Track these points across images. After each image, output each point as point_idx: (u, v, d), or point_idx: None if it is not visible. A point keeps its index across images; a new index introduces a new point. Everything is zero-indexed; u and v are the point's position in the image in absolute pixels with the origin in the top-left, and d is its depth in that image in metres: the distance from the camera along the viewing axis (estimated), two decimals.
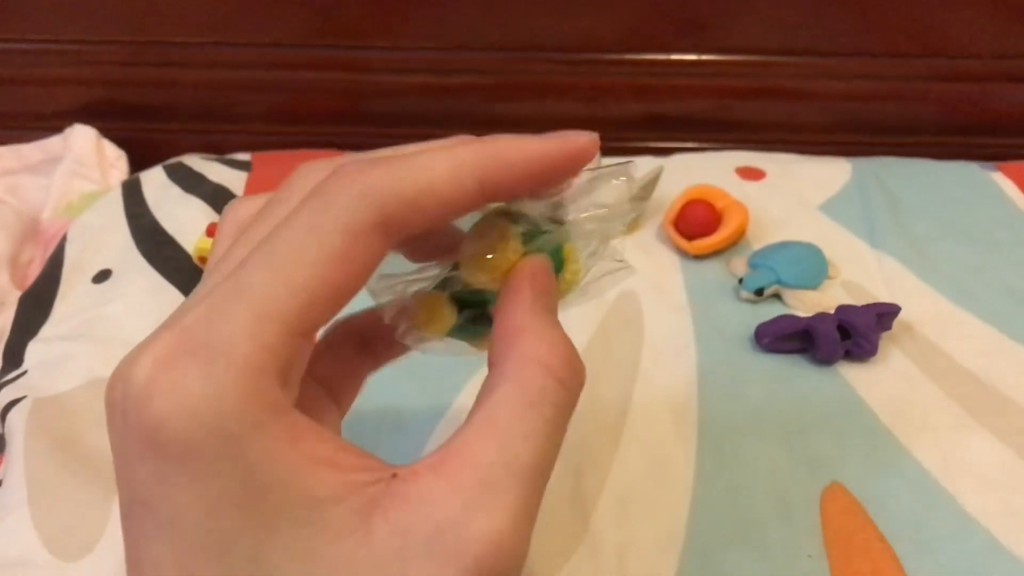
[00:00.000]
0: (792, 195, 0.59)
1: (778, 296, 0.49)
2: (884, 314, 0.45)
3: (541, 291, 0.21)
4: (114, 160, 0.66)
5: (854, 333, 0.44)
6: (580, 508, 0.37)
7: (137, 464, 0.17)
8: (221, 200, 0.58)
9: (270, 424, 0.17)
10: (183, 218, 0.56)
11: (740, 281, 0.49)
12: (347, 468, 0.18)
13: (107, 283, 0.51)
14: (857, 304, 0.45)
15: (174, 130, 0.70)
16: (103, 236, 0.56)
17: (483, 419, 0.19)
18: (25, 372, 0.45)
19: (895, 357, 0.45)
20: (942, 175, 0.61)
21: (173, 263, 0.53)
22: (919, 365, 0.45)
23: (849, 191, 0.59)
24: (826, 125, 0.69)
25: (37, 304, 0.51)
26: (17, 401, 0.43)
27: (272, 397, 0.17)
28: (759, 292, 0.48)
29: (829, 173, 0.61)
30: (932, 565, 0.35)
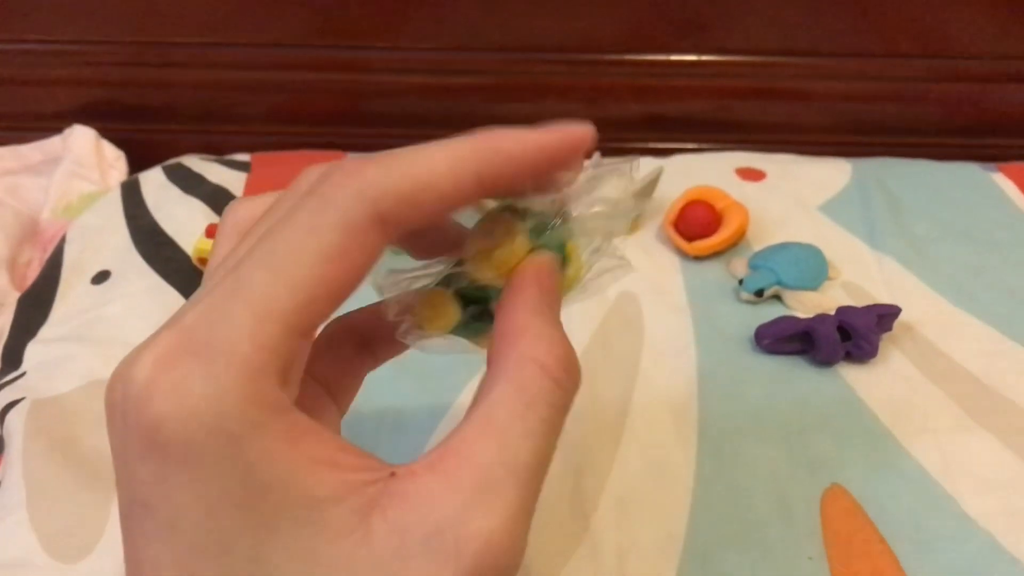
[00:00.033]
0: (792, 196, 0.59)
1: (778, 297, 0.49)
2: (884, 315, 0.44)
3: (546, 290, 0.21)
4: (113, 161, 0.66)
5: (854, 334, 0.43)
6: (580, 509, 0.37)
7: (137, 464, 0.17)
8: (220, 201, 0.58)
9: (270, 424, 0.17)
10: (182, 219, 0.56)
11: (740, 282, 0.49)
12: (346, 468, 0.18)
13: (106, 284, 0.51)
14: (857, 305, 0.45)
15: (173, 131, 0.70)
16: (102, 237, 0.55)
17: (481, 418, 0.19)
18: (24, 373, 0.45)
19: (895, 358, 0.45)
20: (942, 176, 0.61)
21: (172, 264, 0.52)
22: (919, 366, 0.45)
23: (849, 192, 0.59)
24: (826, 126, 0.69)
25: (36, 305, 0.51)
26: (16, 402, 0.42)
27: (272, 397, 0.17)
28: (759, 293, 0.48)
29: (829, 174, 0.61)
30: (932, 566, 0.35)
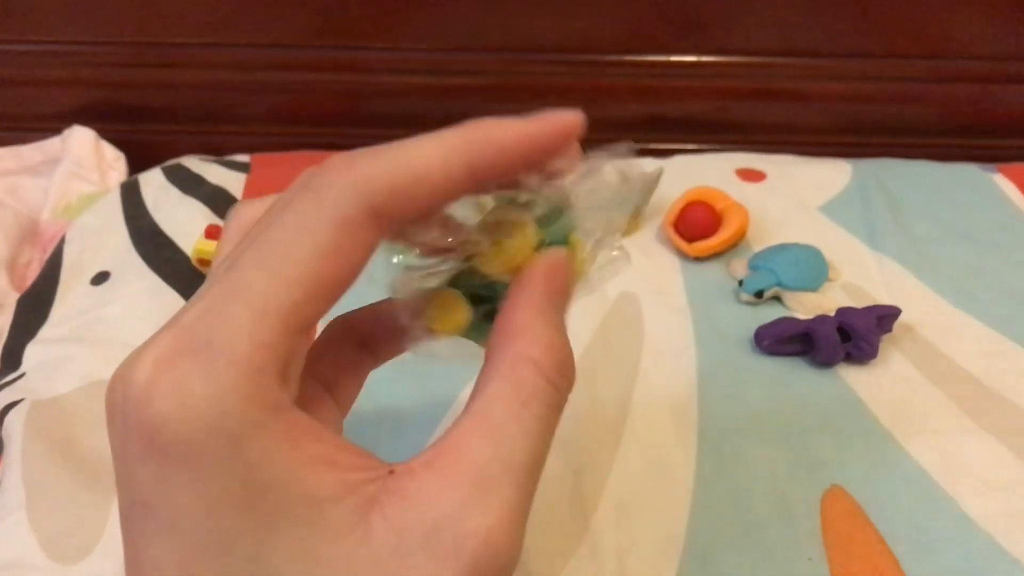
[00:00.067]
0: (792, 197, 0.59)
1: (778, 298, 0.49)
2: (884, 316, 0.44)
3: (554, 289, 0.21)
4: (113, 161, 0.66)
5: (854, 335, 0.43)
6: (580, 509, 0.37)
7: (137, 465, 0.17)
8: (220, 202, 0.58)
9: (270, 424, 0.17)
10: (182, 220, 0.56)
11: (740, 283, 0.49)
12: (346, 467, 0.18)
13: (105, 285, 0.51)
14: (857, 306, 0.45)
15: (173, 131, 0.70)
16: (102, 238, 0.55)
17: (477, 415, 0.19)
18: (23, 374, 0.45)
19: (895, 359, 0.45)
20: (942, 177, 0.61)
21: (172, 265, 0.52)
22: (919, 367, 0.45)
23: (849, 193, 0.59)
24: (826, 126, 0.69)
25: (36, 306, 0.51)
26: (15, 403, 0.42)
27: (272, 396, 0.17)
28: (759, 294, 0.48)
29: (829, 175, 0.61)
30: (932, 567, 0.35)
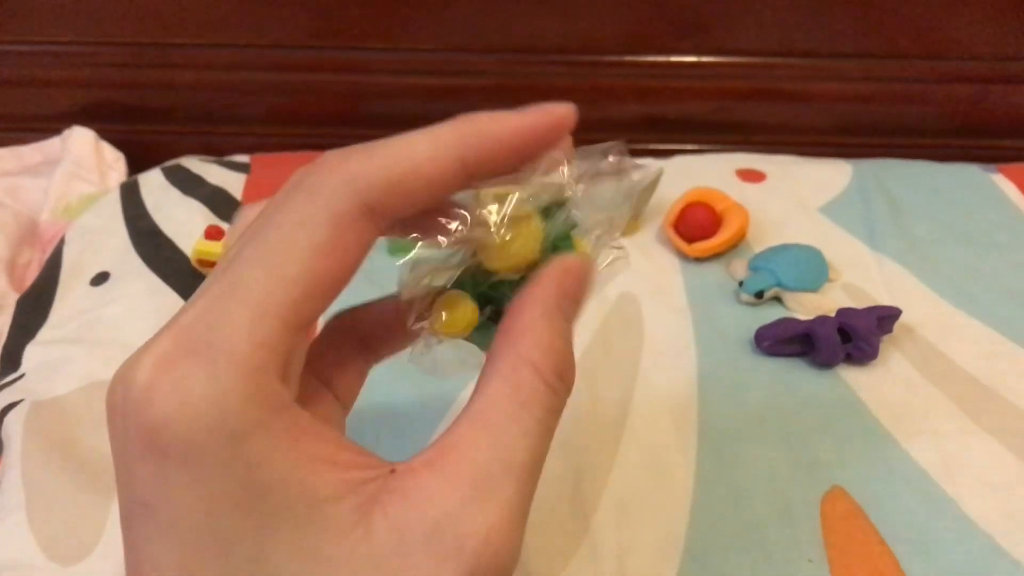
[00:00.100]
0: (792, 197, 0.59)
1: (778, 299, 0.49)
2: (885, 317, 0.44)
3: (563, 294, 0.21)
4: (112, 162, 0.66)
5: (855, 336, 0.43)
6: (580, 509, 0.37)
7: (138, 465, 0.17)
8: (220, 202, 0.58)
9: (271, 423, 0.17)
10: (182, 220, 0.56)
11: (740, 284, 0.49)
12: (347, 466, 0.18)
13: (105, 285, 0.51)
14: (858, 307, 0.45)
15: (173, 132, 0.70)
16: (101, 238, 0.55)
17: (477, 414, 0.19)
18: (23, 375, 0.45)
19: (896, 360, 0.45)
20: (943, 177, 0.61)
21: (171, 265, 0.52)
22: (920, 368, 0.44)
23: (849, 193, 0.59)
24: (826, 127, 0.69)
25: (35, 306, 0.51)
26: (15, 404, 0.42)
27: (273, 395, 0.17)
28: (759, 295, 0.48)
29: (829, 175, 0.61)
30: (933, 568, 0.35)
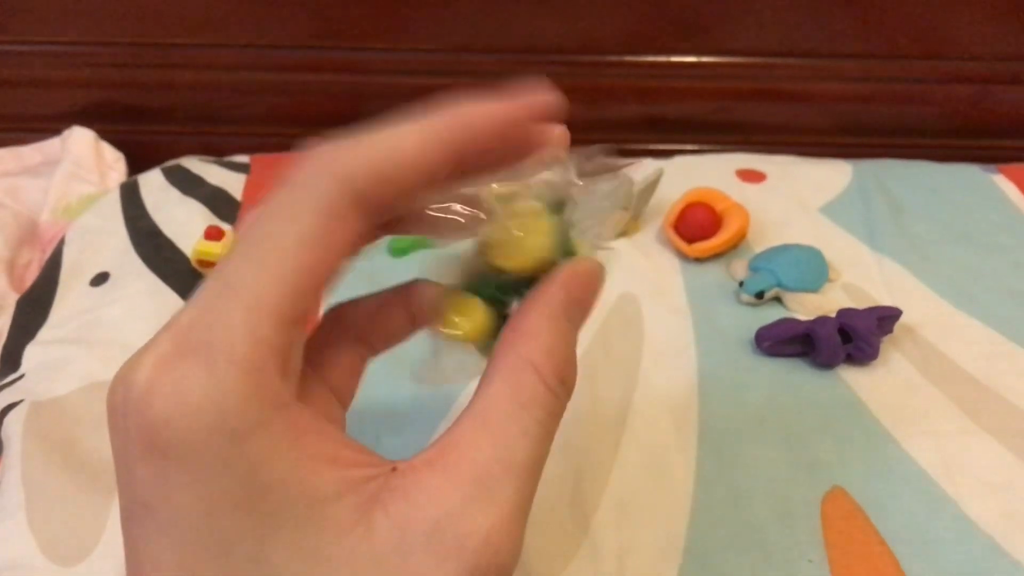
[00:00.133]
0: (793, 197, 0.59)
1: (779, 299, 0.49)
2: (885, 317, 0.44)
3: (570, 299, 0.21)
4: (112, 162, 0.66)
5: (855, 337, 0.43)
6: (580, 510, 0.37)
7: (138, 466, 0.17)
8: (220, 203, 0.58)
9: (271, 422, 0.17)
10: (181, 220, 0.56)
11: (740, 284, 0.49)
12: (348, 464, 0.18)
13: (105, 286, 0.51)
14: (858, 307, 0.45)
15: (173, 132, 0.70)
16: (101, 239, 0.55)
17: (478, 414, 0.19)
18: (23, 375, 0.45)
19: (896, 360, 0.45)
20: (943, 177, 0.61)
21: (171, 266, 0.52)
22: (920, 368, 0.44)
23: (850, 193, 0.59)
24: (827, 127, 0.69)
25: (35, 307, 0.51)
26: (15, 404, 0.42)
27: (273, 393, 0.17)
28: (759, 295, 0.48)
29: (830, 175, 0.61)
30: (933, 568, 0.34)
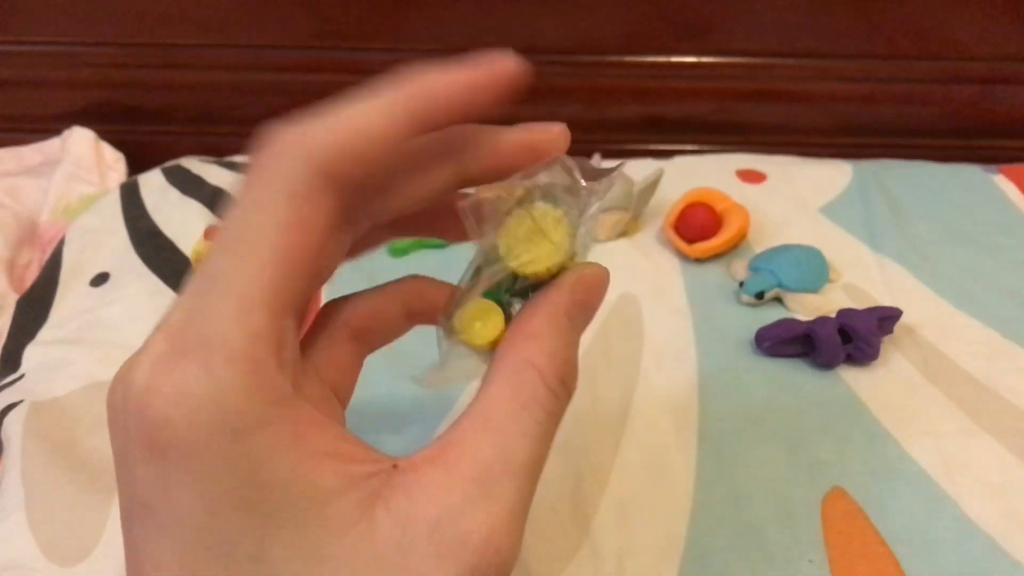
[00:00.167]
0: (793, 198, 0.59)
1: (779, 300, 0.49)
2: (885, 318, 0.44)
3: (575, 303, 0.21)
4: (112, 162, 0.66)
5: (855, 337, 0.43)
6: (580, 511, 0.37)
7: (139, 466, 0.17)
8: (220, 203, 0.58)
9: (272, 418, 0.17)
10: (181, 221, 0.56)
11: (741, 284, 0.49)
12: (349, 459, 0.18)
13: (105, 286, 0.51)
14: (858, 307, 0.45)
15: (173, 132, 0.70)
16: (101, 239, 0.55)
17: (479, 414, 0.19)
18: (23, 375, 0.45)
19: (896, 361, 0.45)
20: (943, 178, 0.61)
21: (171, 266, 0.52)
22: (920, 369, 0.44)
23: (850, 194, 0.59)
24: (827, 127, 0.69)
25: (35, 307, 0.51)
26: (15, 404, 0.42)
27: (272, 387, 0.17)
28: (760, 296, 0.48)
29: (830, 176, 0.61)
30: (933, 569, 0.34)
